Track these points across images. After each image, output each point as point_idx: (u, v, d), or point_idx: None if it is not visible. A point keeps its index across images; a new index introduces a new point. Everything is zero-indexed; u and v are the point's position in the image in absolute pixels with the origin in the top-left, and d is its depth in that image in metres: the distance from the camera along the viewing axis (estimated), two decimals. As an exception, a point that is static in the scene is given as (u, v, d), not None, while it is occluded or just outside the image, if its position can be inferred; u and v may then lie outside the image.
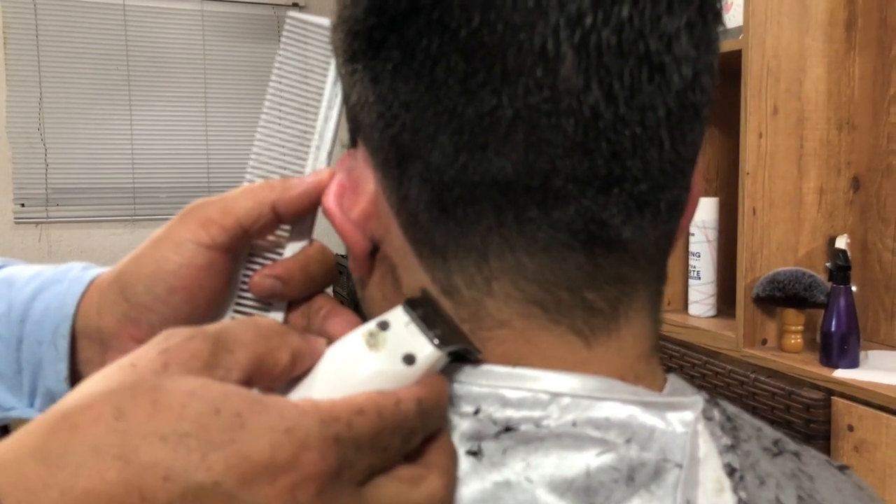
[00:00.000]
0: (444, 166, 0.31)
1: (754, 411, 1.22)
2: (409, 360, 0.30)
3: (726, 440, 0.34)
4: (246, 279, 0.39)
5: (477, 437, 0.31)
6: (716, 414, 0.35)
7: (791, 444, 0.39)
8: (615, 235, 0.32)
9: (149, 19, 2.97)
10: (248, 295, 0.39)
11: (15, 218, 2.84)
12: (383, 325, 0.31)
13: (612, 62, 0.29)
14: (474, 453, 0.31)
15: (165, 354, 0.27)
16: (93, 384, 0.26)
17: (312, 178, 0.37)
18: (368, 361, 0.30)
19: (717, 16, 0.32)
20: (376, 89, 0.32)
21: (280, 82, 0.39)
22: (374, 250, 0.36)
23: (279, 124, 0.39)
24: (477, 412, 0.31)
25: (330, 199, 0.36)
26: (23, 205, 2.85)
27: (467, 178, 0.31)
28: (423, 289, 0.34)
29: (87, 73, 2.90)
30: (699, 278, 1.55)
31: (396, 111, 0.32)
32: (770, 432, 0.39)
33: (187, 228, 0.37)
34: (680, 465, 0.31)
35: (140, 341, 0.38)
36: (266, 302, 0.39)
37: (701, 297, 1.56)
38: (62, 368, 0.40)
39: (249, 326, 0.29)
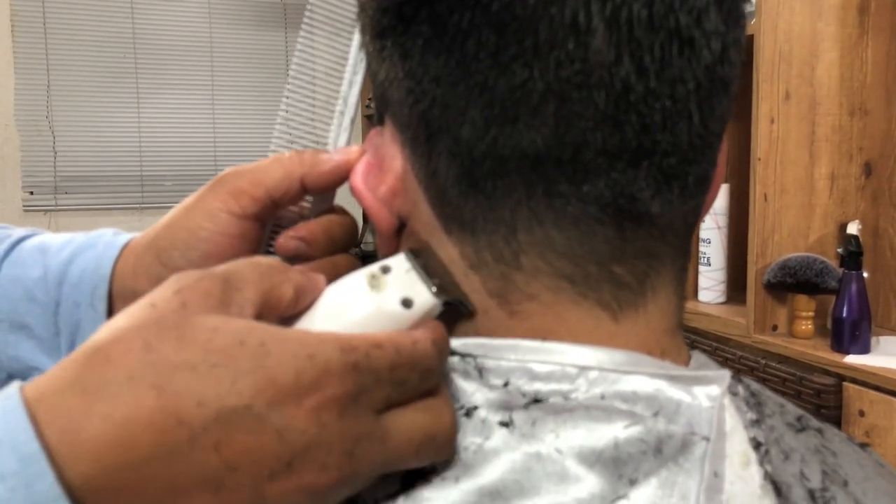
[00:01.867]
0: (475, 140, 0.31)
1: (765, 397, 1.22)
2: (407, 303, 0.31)
3: (751, 415, 0.35)
4: (272, 241, 0.40)
5: (507, 406, 0.31)
6: (740, 389, 0.36)
7: (814, 421, 0.39)
8: (644, 209, 0.32)
9: (156, 7, 2.97)
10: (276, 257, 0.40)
11: (24, 206, 2.85)
12: (385, 269, 0.32)
13: (643, 36, 0.29)
14: (506, 424, 0.31)
15: (181, 294, 0.28)
16: (117, 321, 0.28)
17: (342, 155, 0.38)
18: (368, 300, 0.31)
19: None
20: (406, 65, 0.32)
21: (306, 49, 0.40)
22: (401, 227, 0.36)
23: (305, 90, 0.40)
24: (506, 385, 0.32)
25: (358, 178, 0.36)
26: (32, 193, 2.86)
27: (497, 152, 0.31)
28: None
29: (95, 62, 2.90)
30: (709, 264, 1.55)
31: (426, 86, 0.32)
32: (793, 409, 0.39)
33: (219, 198, 0.39)
34: (707, 439, 0.31)
35: None
36: (290, 263, 0.40)
37: (711, 283, 1.56)
38: None
39: (252, 265, 0.31)
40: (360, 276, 0.32)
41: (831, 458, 0.37)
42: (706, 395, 0.33)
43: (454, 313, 0.34)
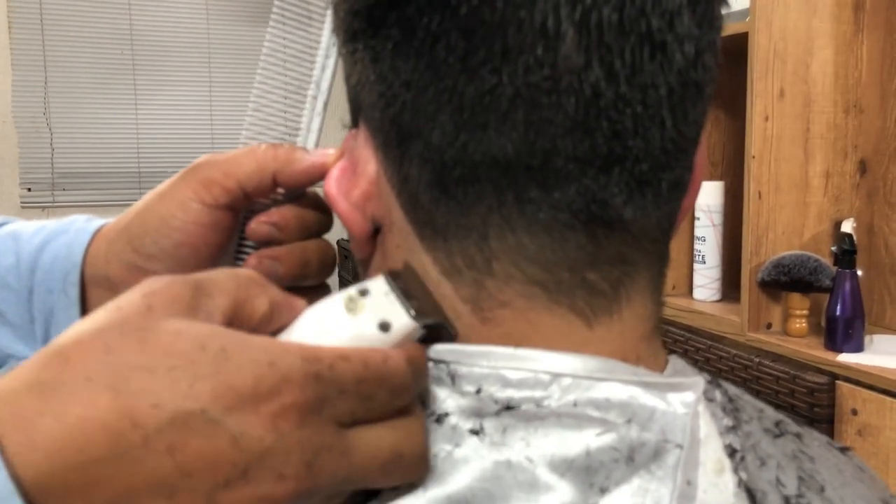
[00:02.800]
0: (445, 146, 0.31)
1: (758, 395, 1.22)
2: (385, 327, 0.31)
3: (727, 421, 0.34)
4: (245, 228, 0.40)
5: (478, 413, 0.31)
6: (717, 395, 0.35)
7: (793, 426, 0.39)
8: (616, 215, 0.31)
9: (153, 4, 2.96)
10: (248, 244, 0.41)
11: (21, 202, 2.85)
12: (363, 292, 0.32)
13: (614, 40, 0.29)
14: (476, 432, 0.31)
15: (149, 297, 0.28)
16: (82, 324, 0.28)
17: (318, 157, 0.38)
18: (345, 324, 0.31)
19: None
20: (377, 69, 0.32)
21: (277, 33, 0.40)
22: (376, 232, 0.36)
23: (277, 77, 0.40)
24: (478, 391, 0.32)
25: (332, 184, 0.36)
26: (29, 189, 2.86)
27: (467, 157, 0.31)
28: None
29: (92, 58, 2.89)
30: (704, 262, 1.55)
31: (397, 90, 0.31)
32: (772, 414, 0.39)
33: (191, 188, 0.39)
34: (680, 446, 0.31)
35: None
36: (262, 247, 0.40)
37: (706, 281, 1.55)
38: (74, 314, 0.42)
39: (229, 275, 0.31)
40: (337, 300, 0.32)
41: (808, 464, 0.37)
42: (681, 401, 0.32)
43: (436, 334, 0.33)
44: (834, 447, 0.40)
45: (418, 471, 0.30)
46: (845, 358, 1.21)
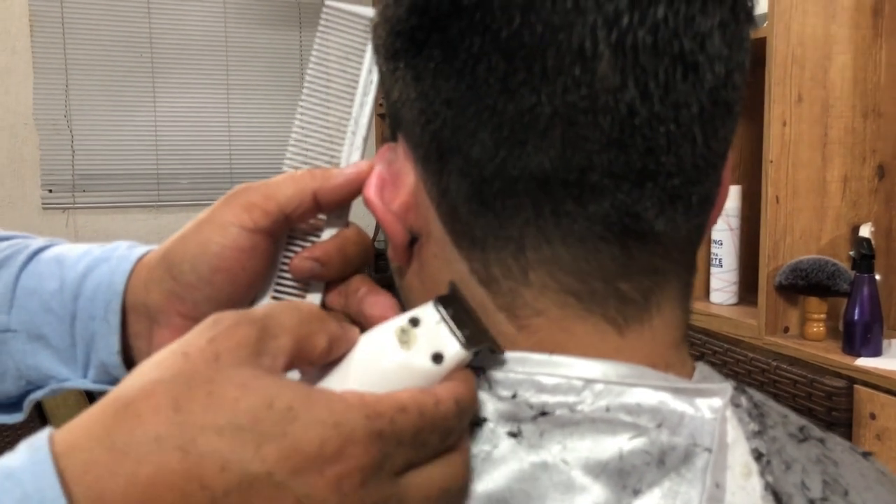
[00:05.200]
0: (484, 161, 0.32)
1: (776, 399, 1.22)
2: (438, 358, 0.31)
3: (753, 426, 0.35)
4: (286, 260, 0.41)
5: (515, 418, 0.32)
6: (743, 401, 0.36)
7: (816, 431, 0.40)
8: (649, 228, 0.33)
9: (172, 7, 2.99)
10: (288, 276, 0.40)
11: (43, 204, 2.88)
12: (415, 322, 0.32)
13: (648, 61, 0.30)
14: (514, 434, 0.32)
15: (215, 344, 0.28)
16: (149, 371, 0.28)
17: (353, 170, 0.38)
18: (399, 358, 0.31)
19: (749, 15, 0.33)
20: (418, 87, 0.33)
21: (317, 70, 0.41)
22: (413, 241, 0.37)
23: (317, 111, 0.41)
24: (514, 396, 0.33)
25: (371, 191, 0.37)
26: (50, 191, 2.89)
27: (506, 172, 0.32)
28: (452, 282, 0.35)
29: (112, 61, 2.92)
30: (721, 266, 1.55)
31: (438, 108, 0.33)
32: (796, 419, 0.40)
33: (231, 212, 0.39)
34: (709, 450, 0.32)
35: (185, 316, 0.40)
36: (305, 283, 0.41)
37: (723, 284, 1.56)
38: (114, 342, 0.42)
39: (292, 311, 0.31)
40: (389, 332, 0.32)
41: (832, 468, 0.38)
42: (709, 406, 0.34)
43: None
44: (856, 452, 0.41)
45: (460, 499, 0.31)
46: (863, 362, 1.22)
